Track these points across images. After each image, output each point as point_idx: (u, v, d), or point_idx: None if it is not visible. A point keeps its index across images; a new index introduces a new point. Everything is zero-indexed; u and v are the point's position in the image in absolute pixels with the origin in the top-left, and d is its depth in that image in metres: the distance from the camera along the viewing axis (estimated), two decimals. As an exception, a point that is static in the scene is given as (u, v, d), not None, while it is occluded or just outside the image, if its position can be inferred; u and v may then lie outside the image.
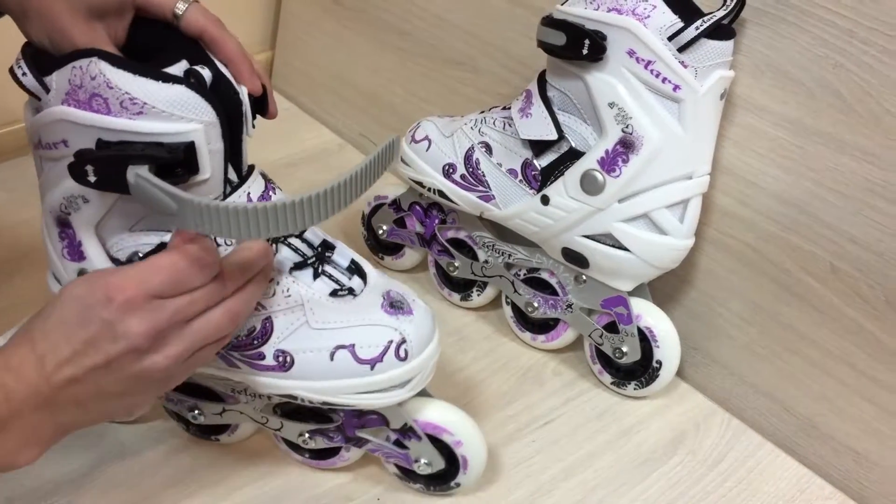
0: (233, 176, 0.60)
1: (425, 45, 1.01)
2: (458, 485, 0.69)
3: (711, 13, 0.67)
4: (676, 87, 0.68)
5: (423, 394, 0.66)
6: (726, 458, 0.77)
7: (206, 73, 0.57)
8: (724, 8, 0.68)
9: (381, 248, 0.94)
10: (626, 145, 0.71)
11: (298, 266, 0.62)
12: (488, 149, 0.79)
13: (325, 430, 0.67)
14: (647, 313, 0.78)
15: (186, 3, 0.59)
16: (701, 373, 0.84)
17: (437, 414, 0.66)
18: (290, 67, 1.20)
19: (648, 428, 0.79)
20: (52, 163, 0.57)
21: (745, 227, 0.78)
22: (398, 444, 0.67)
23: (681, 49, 0.67)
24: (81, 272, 0.59)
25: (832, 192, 0.72)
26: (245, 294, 0.56)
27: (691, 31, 0.67)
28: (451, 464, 0.68)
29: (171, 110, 0.54)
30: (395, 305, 0.63)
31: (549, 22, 0.71)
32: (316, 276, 0.62)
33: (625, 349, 0.78)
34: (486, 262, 0.84)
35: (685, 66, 0.68)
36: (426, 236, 0.88)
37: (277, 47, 1.21)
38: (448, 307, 0.90)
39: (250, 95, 0.60)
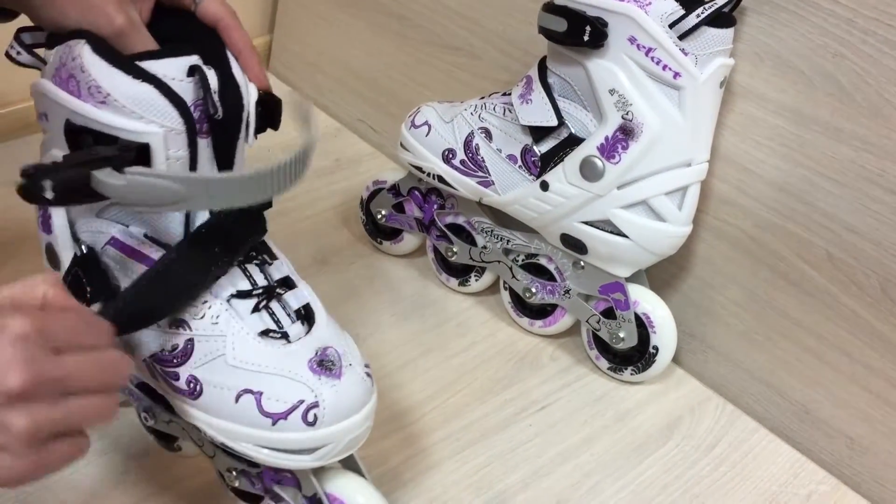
0: None
1: (424, 30, 1.01)
2: None
3: (712, 1, 0.68)
4: (677, 75, 0.69)
5: (351, 463, 0.61)
6: (721, 443, 0.78)
7: (211, 74, 0.54)
8: (725, -4, 0.68)
9: (380, 233, 0.94)
10: (626, 132, 0.71)
11: (242, 295, 0.58)
12: (488, 134, 0.79)
13: (249, 473, 0.62)
14: (645, 299, 0.79)
15: None
16: (697, 359, 0.85)
17: (350, 492, 0.60)
18: (289, 52, 1.19)
19: (644, 413, 0.80)
20: (43, 134, 0.57)
21: (743, 215, 0.78)
22: None
23: (681, 37, 0.68)
24: (48, 247, 0.58)
25: (829, 181, 0.73)
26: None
27: (692, 19, 0.67)
28: None
29: (132, 107, 0.52)
30: (323, 365, 0.56)
31: (551, 8, 0.71)
32: (256, 309, 0.58)
33: (622, 335, 0.79)
34: (485, 247, 0.85)
35: (686, 54, 0.68)
36: (425, 221, 0.88)
37: (276, 31, 1.20)
38: (446, 292, 0.90)
39: (265, 106, 0.59)
